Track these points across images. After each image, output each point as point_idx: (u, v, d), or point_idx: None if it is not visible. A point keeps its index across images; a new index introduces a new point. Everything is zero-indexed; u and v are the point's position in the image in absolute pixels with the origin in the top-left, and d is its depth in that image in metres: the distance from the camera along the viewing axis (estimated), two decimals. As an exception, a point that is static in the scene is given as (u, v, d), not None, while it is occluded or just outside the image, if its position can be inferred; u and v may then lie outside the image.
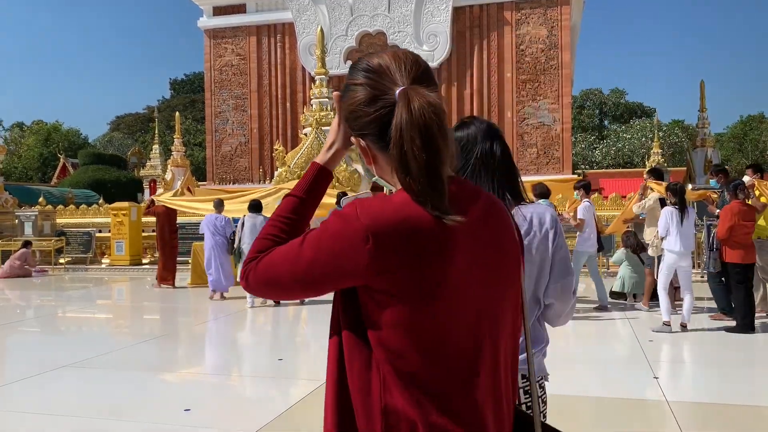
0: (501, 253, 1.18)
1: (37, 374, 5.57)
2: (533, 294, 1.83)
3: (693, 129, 32.88)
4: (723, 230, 7.11)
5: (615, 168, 41.32)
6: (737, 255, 7.08)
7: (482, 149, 1.80)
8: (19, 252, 15.00)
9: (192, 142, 44.11)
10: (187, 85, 58.38)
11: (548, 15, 20.47)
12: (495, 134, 1.85)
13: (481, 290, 1.14)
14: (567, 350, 6.45)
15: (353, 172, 14.69)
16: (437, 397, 1.09)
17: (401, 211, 1.09)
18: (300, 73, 22.77)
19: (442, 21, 20.96)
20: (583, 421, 4.34)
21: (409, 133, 1.08)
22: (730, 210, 7.16)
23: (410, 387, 1.08)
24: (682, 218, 7.01)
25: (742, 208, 7.19)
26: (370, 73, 1.17)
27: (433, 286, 1.09)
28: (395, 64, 1.16)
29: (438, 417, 1.07)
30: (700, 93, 20.81)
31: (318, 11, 21.95)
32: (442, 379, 1.10)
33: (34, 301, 11.30)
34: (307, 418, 4.43)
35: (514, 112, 20.77)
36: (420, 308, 1.09)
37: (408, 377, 1.09)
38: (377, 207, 1.10)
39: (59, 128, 47.52)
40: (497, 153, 1.80)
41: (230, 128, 23.60)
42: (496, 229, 1.18)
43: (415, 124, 1.08)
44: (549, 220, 1.83)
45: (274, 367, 6.06)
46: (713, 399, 4.75)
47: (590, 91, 55.51)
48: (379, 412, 1.09)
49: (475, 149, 1.80)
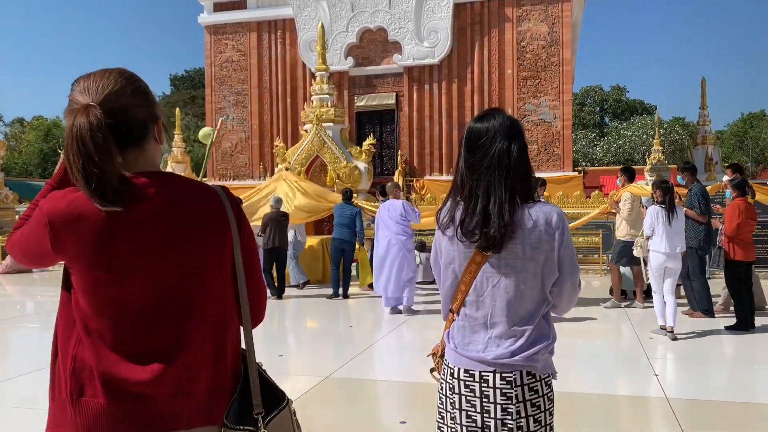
0: (181, 241, 1.44)
1: (37, 370, 5.58)
2: (540, 291, 1.84)
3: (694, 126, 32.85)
4: (732, 227, 7.05)
5: (616, 165, 41.26)
6: (742, 253, 7.06)
7: (499, 148, 1.83)
8: None
9: (192, 138, 44.09)
10: (187, 81, 58.29)
11: (549, 12, 20.44)
12: (515, 133, 1.87)
13: (156, 266, 1.41)
14: (567, 347, 6.47)
15: (354, 168, 14.68)
16: (111, 347, 1.38)
17: (72, 203, 1.38)
18: (300, 69, 22.76)
19: (443, 17, 20.94)
20: (582, 418, 4.35)
21: (67, 141, 1.35)
22: (737, 207, 7.14)
23: (92, 339, 1.39)
24: (670, 218, 6.67)
25: (748, 206, 7.20)
26: (74, 87, 1.44)
27: (101, 262, 1.38)
28: (91, 84, 1.41)
29: (108, 363, 1.37)
30: (701, 90, 20.80)
31: (319, 7, 21.93)
32: (115, 333, 1.39)
33: (35, 296, 11.31)
34: (308, 414, 4.44)
35: (515, 109, 20.75)
36: (94, 278, 1.39)
37: (91, 331, 1.39)
38: (56, 199, 1.40)
39: (60, 124, 47.44)
40: (514, 153, 1.83)
41: (230, 124, 23.59)
42: (174, 222, 1.42)
43: (71, 135, 1.34)
44: (555, 220, 1.83)
45: (274, 363, 6.08)
46: (713, 396, 4.75)
47: (591, 88, 55.47)
48: (71, 358, 1.40)
49: (493, 147, 1.83)
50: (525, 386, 1.79)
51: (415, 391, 5.01)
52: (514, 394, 1.78)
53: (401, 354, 6.44)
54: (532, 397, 1.79)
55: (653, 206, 6.85)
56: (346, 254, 9.93)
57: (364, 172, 14.93)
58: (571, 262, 1.85)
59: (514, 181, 1.82)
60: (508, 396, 1.79)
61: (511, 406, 1.78)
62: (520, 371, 1.80)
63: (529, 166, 1.87)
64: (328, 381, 5.18)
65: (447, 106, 21.43)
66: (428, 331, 7.35)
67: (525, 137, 1.89)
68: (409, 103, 21.76)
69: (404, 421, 4.16)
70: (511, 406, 1.78)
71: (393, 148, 22.11)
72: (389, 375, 5.66)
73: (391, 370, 5.90)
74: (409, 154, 21.73)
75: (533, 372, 1.81)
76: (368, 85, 22.21)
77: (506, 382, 1.80)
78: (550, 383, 1.86)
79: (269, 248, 9.99)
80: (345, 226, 9.76)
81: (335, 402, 4.81)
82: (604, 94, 55.17)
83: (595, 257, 12.93)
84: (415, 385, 5.17)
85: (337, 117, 15.80)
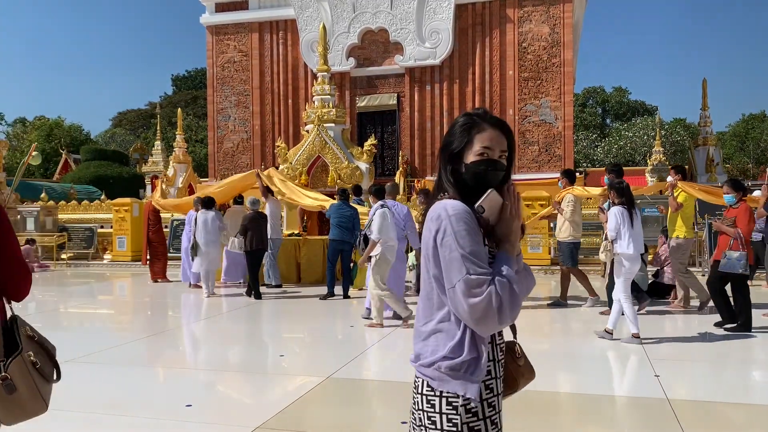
0: None
1: (38, 369, 5.58)
2: (438, 292, 1.77)
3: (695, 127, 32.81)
4: (750, 230, 7.02)
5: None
6: (750, 256, 7.04)
7: (447, 141, 1.89)
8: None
9: (194, 138, 44.13)
10: (189, 82, 58.36)
11: (551, 12, 20.44)
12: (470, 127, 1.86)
13: None
14: (568, 348, 6.46)
15: (355, 168, 14.69)
16: None
17: None
18: (302, 69, 22.77)
19: (445, 18, 20.94)
20: (583, 419, 4.35)
21: None
22: (749, 210, 7.14)
23: None
24: (632, 218, 6.47)
25: (750, 209, 7.21)
26: None
27: None
28: None
29: None
30: (703, 91, 20.80)
31: (320, 8, 21.93)
32: None
33: (36, 296, 11.33)
34: (308, 414, 4.45)
35: (516, 110, 20.75)
36: None
37: None
38: None
39: (61, 124, 47.54)
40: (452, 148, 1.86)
41: (232, 124, 23.61)
42: None
43: None
44: (436, 215, 1.75)
45: (276, 363, 6.08)
46: (714, 397, 4.75)
47: (593, 88, 55.50)
48: None
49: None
50: (423, 396, 1.73)
51: (415, 391, 5.01)
52: (416, 400, 1.76)
53: (402, 354, 6.44)
54: (428, 409, 1.72)
55: (616, 207, 6.55)
56: (345, 255, 9.92)
57: (366, 173, 14.94)
58: (447, 263, 1.67)
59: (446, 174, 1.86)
60: (414, 400, 1.77)
61: (415, 412, 1.76)
62: (422, 379, 1.74)
63: (440, 162, 1.88)
64: (328, 381, 5.18)
65: (448, 106, 21.42)
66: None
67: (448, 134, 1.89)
68: (411, 103, 21.76)
69: (405, 422, 4.16)
70: (415, 412, 1.76)
71: (394, 148, 22.12)
72: (390, 375, 5.66)
73: (392, 370, 5.90)
74: (410, 155, 21.73)
75: (431, 384, 1.72)
76: (369, 85, 22.22)
77: (414, 384, 1.78)
78: (454, 404, 1.68)
79: (251, 250, 9.98)
80: (343, 226, 9.73)
81: (336, 402, 4.81)
82: (606, 95, 55.18)
83: (596, 258, 12.91)
84: (416, 385, 5.17)
85: (338, 117, 15.81)
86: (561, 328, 7.69)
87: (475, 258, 1.64)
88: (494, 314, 1.61)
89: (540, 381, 5.73)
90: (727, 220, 7.10)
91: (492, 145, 1.78)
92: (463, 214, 1.69)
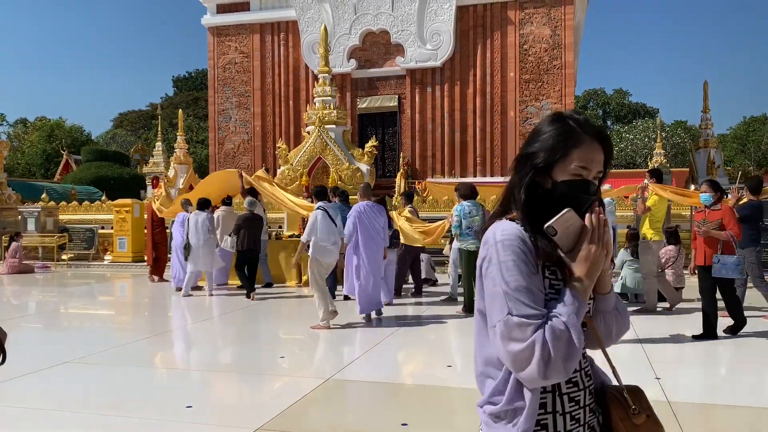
0: None
1: (39, 370, 5.59)
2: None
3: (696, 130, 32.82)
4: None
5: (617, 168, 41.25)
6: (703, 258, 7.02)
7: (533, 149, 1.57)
8: (11, 248, 14.95)
9: (195, 139, 44.12)
10: (190, 83, 58.37)
11: (552, 14, 20.45)
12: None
13: None
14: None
15: (356, 170, 14.68)
16: None
17: None
18: (303, 71, 22.78)
19: (446, 20, 20.95)
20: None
21: None
22: (733, 211, 7.13)
23: None
24: None
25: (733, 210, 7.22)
26: None
27: None
28: None
29: None
30: (704, 94, 20.79)
31: (321, 9, 21.95)
32: None
33: (37, 296, 11.32)
34: (309, 415, 4.44)
35: (517, 112, 20.76)
36: None
37: None
38: None
39: (62, 125, 47.54)
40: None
41: (233, 126, 23.62)
42: None
43: None
44: (486, 241, 1.54)
45: (276, 365, 6.08)
46: (715, 400, 4.74)
47: (594, 91, 55.48)
48: None
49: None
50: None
51: (417, 393, 5.01)
52: None
53: (403, 356, 6.43)
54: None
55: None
56: None
57: (367, 174, 14.94)
58: (490, 298, 1.43)
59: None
60: None
61: None
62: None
63: (516, 171, 1.56)
64: (329, 383, 5.18)
65: (449, 108, 21.42)
66: (430, 332, 7.36)
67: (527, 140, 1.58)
68: (412, 105, 21.76)
69: (405, 423, 4.16)
70: None
71: (395, 150, 22.11)
72: (391, 377, 5.65)
73: (393, 372, 5.90)
74: (410, 156, 21.73)
75: (482, 427, 1.52)
76: (371, 87, 22.22)
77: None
78: None
79: (242, 250, 10.15)
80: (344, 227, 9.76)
81: (337, 404, 4.80)
82: (607, 98, 55.17)
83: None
84: (418, 387, 5.17)
85: (339, 119, 15.81)
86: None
87: (520, 296, 1.37)
88: (538, 367, 1.33)
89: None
90: (712, 224, 6.82)
91: (590, 165, 1.46)
92: (514, 240, 1.42)
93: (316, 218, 7.69)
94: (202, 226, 10.47)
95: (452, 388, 5.13)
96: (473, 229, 8.31)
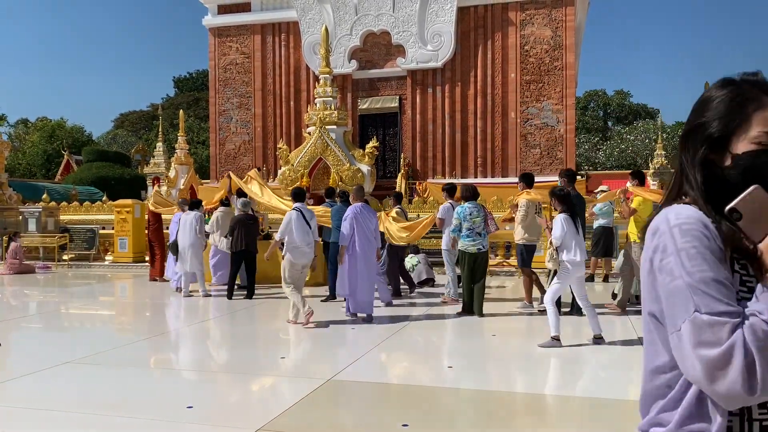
0: None
1: (39, 370, 5.59)
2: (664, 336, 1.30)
3: (697, 131, 32.61)
4: None
5: (618, 169, 41.26)
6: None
7: (702, 120, 1.32)
8: (10, 248, 14.94)
9: (196, 140, 44.14)
10: (191, 83, 58.42)
11: (553, 16, 20.45)
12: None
13: None
14: (566, 350, 6.45)
15: (357, 170, 14.69)
16: None
17: None
18: (304, 71, 22.79)
19: (447, 21, 20.96)
20: (582, 421, 4.34)
21: None
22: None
23: None
24: (576, 225, 6.58)
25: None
26: None
27: None
28: None
29: None
30: (705, 95, 20.77)
31: (323, 10, 21.96)
32: None
33: (37, 297, 11.33)
34: (310, 416, 4.44)
35: (518, 113, 20.76)
36: None
37: None
38: None
39: (63, 125, 47.59)
40: None
41: (234, 126, 23.63)
42: None
43: None
44: (653, 229, 1.29)
45: (276, 365, 6.08)
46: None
47: (594, 92, 55.46)
48: None
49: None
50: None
51: (417, 394, 5.00)
52: None
53: (403, 357, 6.43)
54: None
55: (561, 215, 6.64)
56: None
57: (367, 175, 14.95)
58: (668, 296, 1.18)
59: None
60: None
61: None
62: None
63: (685, 150, 1.32)
64: (330, 384, 5.18)
65: (450, 109, 21.43)
66: (430, 333, 7.36)
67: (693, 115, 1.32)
68: (412, 106, 21.77)
69: (406, 424, 4.16)
70: None
71: (396, 150, 22.12)
72: (391, 378, 5.65)
73: (394, 372, 5.90)
74: (411, 157, 21.73)
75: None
76: (371, 88, 22.23)
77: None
78: None
79: (237, 251, 10.14)
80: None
81: (337, 405, 4.80)
82: (608, 98, 55.15)
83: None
84: (418, 388, 5.16)
85: (340, 120, 15.82)
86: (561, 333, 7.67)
87: (708, 288, 1.11)
88: (742, 378, 1.05)
89: (542, 384, 5.71)
90: None
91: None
92: (695, 224, 1.18)
93: (290, 219, 7.83)
94: (190, 225, 10.43)
95: (453, 389, 5.13)
96: (474, 230, 8.32)
